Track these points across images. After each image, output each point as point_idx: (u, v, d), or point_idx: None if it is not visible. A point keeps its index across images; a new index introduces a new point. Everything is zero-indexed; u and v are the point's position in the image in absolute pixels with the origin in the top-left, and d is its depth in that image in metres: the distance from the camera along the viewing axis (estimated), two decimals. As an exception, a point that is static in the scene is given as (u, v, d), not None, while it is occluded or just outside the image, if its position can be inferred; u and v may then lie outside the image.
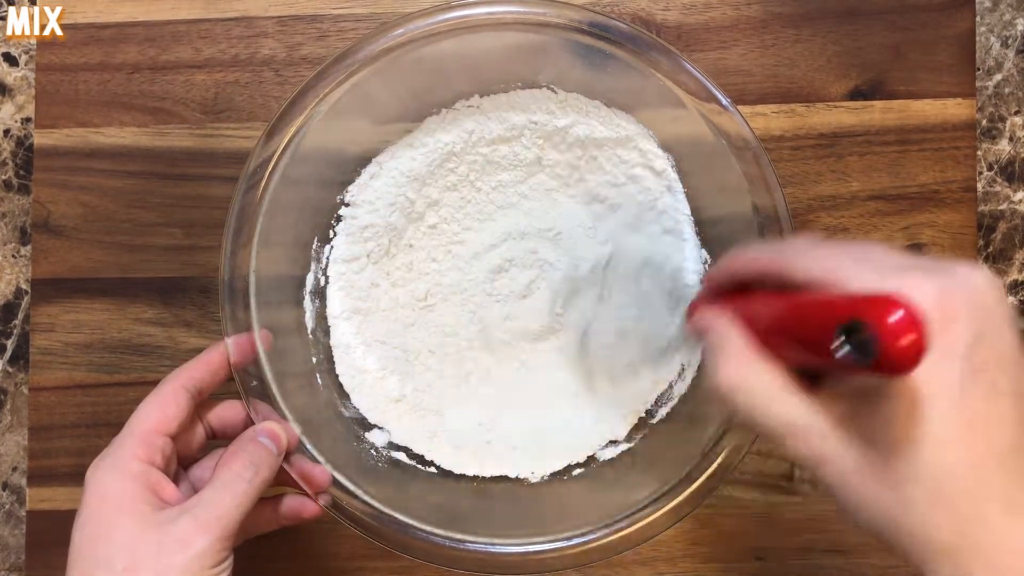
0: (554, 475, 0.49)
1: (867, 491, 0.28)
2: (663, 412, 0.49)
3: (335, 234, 0.50)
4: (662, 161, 0.48)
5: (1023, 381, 0.28)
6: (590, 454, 0.49)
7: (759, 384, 0.31)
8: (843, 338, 0.27)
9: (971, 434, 0.27)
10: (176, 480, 0.41)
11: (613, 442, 0.49)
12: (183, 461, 0.42)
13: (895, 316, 0.25)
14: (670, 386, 0.49)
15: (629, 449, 0.49)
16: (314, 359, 0.49)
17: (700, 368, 0.48)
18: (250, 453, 0.39)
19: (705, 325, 0.34)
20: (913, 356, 0.25)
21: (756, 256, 0.34)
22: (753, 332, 0.32)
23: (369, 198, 0.50)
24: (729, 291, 0.36)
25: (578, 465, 0.49)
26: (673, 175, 0.49)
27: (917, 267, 0.29)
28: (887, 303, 0.25)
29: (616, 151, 0.49)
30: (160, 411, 0.39)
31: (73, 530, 0.37)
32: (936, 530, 0.27)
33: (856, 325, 0.26)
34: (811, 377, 0.31)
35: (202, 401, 0.43)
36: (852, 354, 0.26)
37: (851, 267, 0.29)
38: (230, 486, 0.38)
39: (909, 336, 0.24)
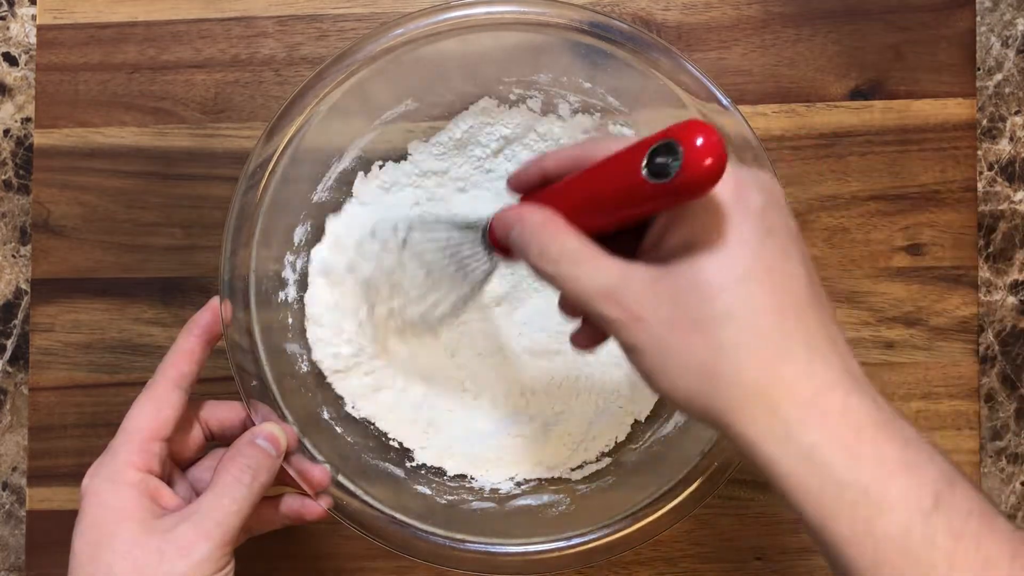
0: (555, 476, 0.49)
1: (679, 342, 0.30)
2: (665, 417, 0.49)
3: (335, 235, 0.50)
4: None
5: (805, 253, 0.31)
6: (590, 459, 0.49)
7: (573, 251, 0.32)
8: (650, 161, 0.29)
9: (772, 281, 0.29)
10: (172, 481, 0.41)
11: (612, 446, 0.50)
12: (181, 463, 0.42)
13: (702, 136, 0.28)
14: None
15: (629, 451, 0.49)
16: (315, 358, 0.49)
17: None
18: (248, 457, 0.39)
19: (510, 216, 0.35)
20: (714, 172, 0.28)
21: (566, 149, 0.35)
22: (562, 212, 0.33)
23: (369, 199, 0.50)
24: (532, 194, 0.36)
25: (579, 467, 0.49)
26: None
27: None
28: (698, 126, 0.28)
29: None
30: (154, 414, 0.39)
31: (73, 537, 0.37)
32: (746, 370, 0.29)
33: (666, 144, 0.28)
34: (624, 253, 0.32)
35: (198, 401, 0.43)
36: (657, 176, 0.29)
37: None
38: (229, 491, 0.38)
39: (711, 156, 0.27)
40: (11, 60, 0.54)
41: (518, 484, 0.49)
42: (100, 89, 0.52)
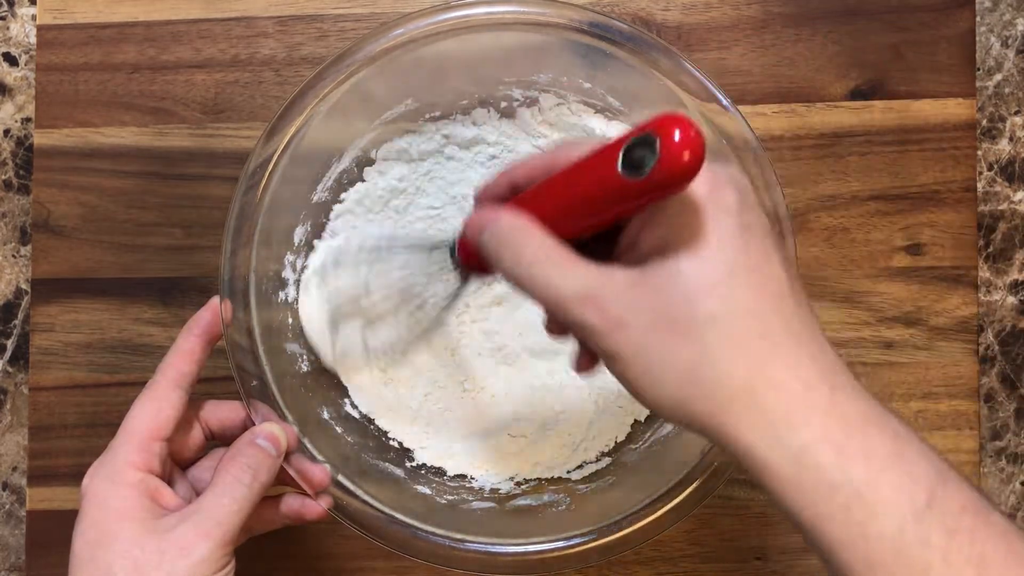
0: (554, 476, 0.49)
1: (663, 347, 0.29)
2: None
3: (334, 234, 0.50)
4: None
5: (781, 247, 0.31)
6: (589, 459, 0.49)
7: (547, 254, 0.30)
8: (626, 157, 0.28)
9: (754, 281, 0.29)
10: (172, 481, 0.41)
11: (612, 446, 0.50)
12: (181, 463, 0.42)
13: (679, 130, 0.27)
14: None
15: (629, 451, 0.49)
16: (314, 358, 0.49)
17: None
18: (248, 456, 0.39)
19: (482, 218, 0.33)
20: (692, 166, 0.27)
21: (534, 158, 0.34)
22: (533, 218, 0.32)
23: (368, 198, 0.50)
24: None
25: (579, 467, 0.49)
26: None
27: None
28: (675, 119, 0.27)
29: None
30: (155, 414, 0.39)
31: (73, 537, 0.37)
32: (733, 371, 0.29)
33: (643, 138, 0.27)
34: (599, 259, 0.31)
35: (198, 401, 0.43)
36: (633, 171, 0.28)
37: None
38: (229, 491, 0.38)
39: (689, 149, 0.27)
40: (11, 60, 0.54)
41: (518, 484, 0.49)
42: (100, 89, 0.52)
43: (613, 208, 0.30)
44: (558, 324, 0.37)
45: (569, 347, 0.50)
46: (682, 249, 0.29)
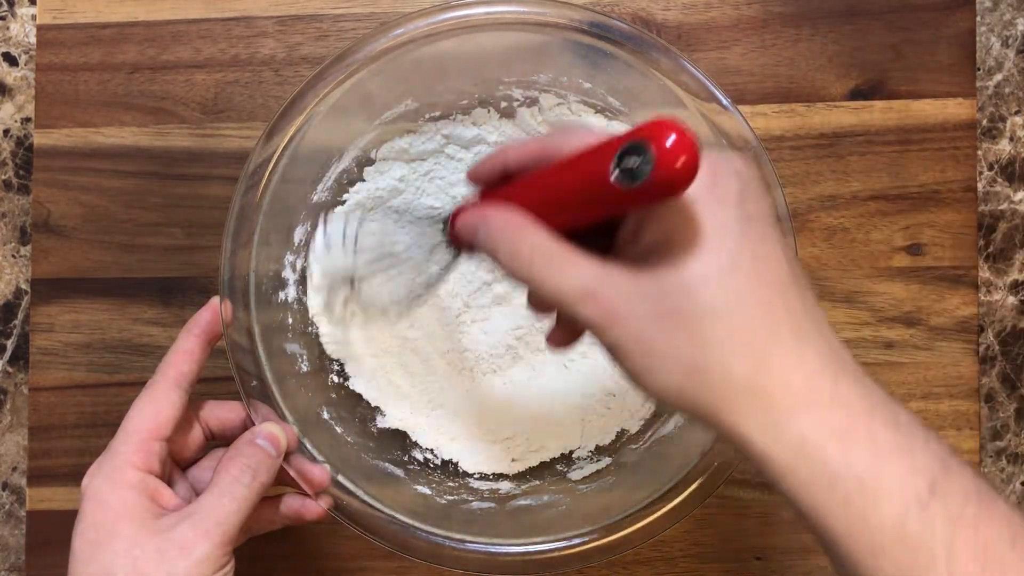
0: (555, 476, 0.49)
1: (664, 340, 0.29)
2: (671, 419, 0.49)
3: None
4: None
5: (781, 233, 0.31)
6: (588, 450, 0.50)
7: (545, 250, 0.30)
8: (620, 164, 0.27)
9: (756, 271, 0.29)
10: (172, 481, 0.41)
11: (611, 440, 0.50)
12: (181, 463, 0.42)
13: (672, 136, 0.26)
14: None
15: (629, 451, 0.49)
16: (314, 358, 0.49)
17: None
18: (248, 456, 0.39)
19: (474, 217, 0.33)
20: (687, 172, 0.26)
21: (528, 142, 0.33)
22: (528, 210, 0.31)
23: (368, 198, 0.50)
24: (494, 190, 0.34)
25: (578, 467, 0.49)
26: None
27: None
28: (667, 124, 0.26)
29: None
30: (154, 414, 0.39)
31: (73, 537, 0.37)
32: (735, 364, 0.28)
33: (635, 145, 0.27)
34: (598, 247, 0.31)
35: (198, 402, 0.43)
36: (628, 179, 0.27)
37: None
38: (229, 491, 0.38)
39: (684, 155, 0.26)
40: (11, 60, 0.54)
41: (518, 484, 0.49)
42: (100, 89, 0.52)
43: (608, 209, 0.30)
44: (539, 303, 0.37)
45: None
46: (681, 243, 0.29)
